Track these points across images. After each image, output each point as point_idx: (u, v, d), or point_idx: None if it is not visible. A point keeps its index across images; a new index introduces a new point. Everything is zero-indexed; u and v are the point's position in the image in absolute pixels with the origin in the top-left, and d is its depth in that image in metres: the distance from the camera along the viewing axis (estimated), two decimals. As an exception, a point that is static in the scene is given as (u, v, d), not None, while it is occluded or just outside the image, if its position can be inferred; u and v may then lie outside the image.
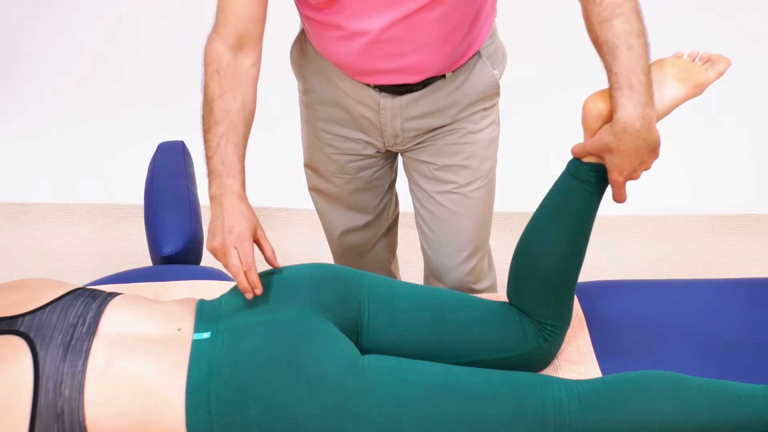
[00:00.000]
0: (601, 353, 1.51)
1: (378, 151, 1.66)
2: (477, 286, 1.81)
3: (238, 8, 1.36)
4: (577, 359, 1.50)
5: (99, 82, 3.09)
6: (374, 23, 1.37)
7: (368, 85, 1.51)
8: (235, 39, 1.37)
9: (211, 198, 1.32)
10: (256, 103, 1.40)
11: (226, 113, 1.34)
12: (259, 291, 1.28)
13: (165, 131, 2.32)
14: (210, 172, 1.33)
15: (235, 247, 1.27)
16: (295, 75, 1.66)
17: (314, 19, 1.43)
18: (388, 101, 1.53)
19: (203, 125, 1.35)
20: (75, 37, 3.09)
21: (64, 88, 3.10)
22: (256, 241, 1.33)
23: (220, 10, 1.38)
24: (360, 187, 1.73)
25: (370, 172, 1.71)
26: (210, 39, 1.38)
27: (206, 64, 1.37)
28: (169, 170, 1.87)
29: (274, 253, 1.35)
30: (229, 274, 1.76)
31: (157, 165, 1.89)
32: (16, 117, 3.09)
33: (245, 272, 1.27)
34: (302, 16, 1.48)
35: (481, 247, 1.76)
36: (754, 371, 1.46)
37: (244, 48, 1.37)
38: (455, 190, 1.65)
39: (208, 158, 1.33)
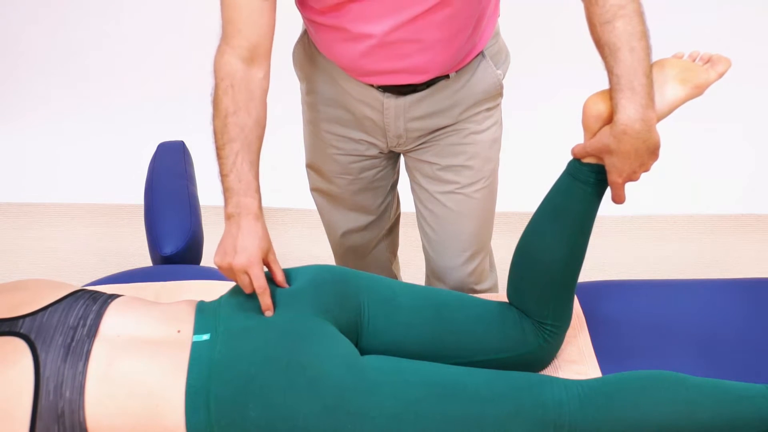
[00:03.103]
0: (601, 353, 1.51)
1: (381, 152, 1.66)
2: (478, 287, 1.81)
3: (249, 19, 1.34)
4: (577, 359, 1.50)
5: (99, 82, 3.09)
6: (379, 27, 1.37)
7: (372, 86, 1.51)
8: (248, 51, 1.34)
9: (228, 216, 1.31)
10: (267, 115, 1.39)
11: (241, 130, 1.32)
12: (270, 313, 1.28)
13: (165, 131, 2.32)
14: (226, 190, 1.31)
15: (246, 273, 1.28)
16: (298, 76, 1.66)
17: (318, 22, 1.43)
18: (392, 101, 1.53)
19: (216, 141, 1.33)
20: (75, 37, 3.09)
21: (64, 87, 3.10)
22: (267, 264, 1.33)
23: (228, 21, 1.35)
24: (362, 188, 1.73)
25: (372, 172, 1.71)
26: (221, 51, 1.35)
27: (219, 78, 1.34)
28: (169, 170, 1.87)
29: (284, 278, 1.34)
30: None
31: (157, 165, 1.89)
32: (16, 117, 3.09)
33: (258, 296, 1.28)
34: (305, 18, 1.48)
35: (482, 248, 1.76)
36: (754, 371, 1.47)
37: (255, 60, 1.35)
38: (457, 191, 1.65)
39: (224, 176, 1.32)
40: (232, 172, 1.31)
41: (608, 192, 1.35)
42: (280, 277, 1.33)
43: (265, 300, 1.28)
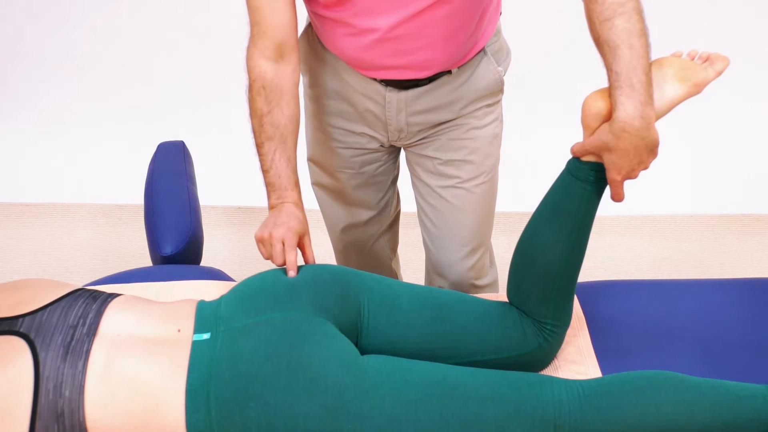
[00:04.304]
0: (601, 353, 1.51)
1: (382, 146, 1.67)
2: (478, 282, 1.81)
3: (273, 20, 1.42)
4: (577, 359, 1.50)
5: (99, 83, 3.09)
6: (383, 21, 1.39)
7: (374, 79, 1.53)
8: (275, 51, 1.44)
9: (271, 206, 1.47)
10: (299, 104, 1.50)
11: (276, 128, 1.45)
12: (293, 273, 1.36)
13: (165, 131, 2.32)
14: (268, 185, 1.47)
15: (282, 242, 1.39)
16: (301, 69, 1.66)
17: (322, 15, 1.45)
18: (394, 95, 1.54)
19: (255, 139, 1.47)
20: (75, 37, 3.09)
21: (64, 88, 3.10)
22: (301, 246, 1.45)
23: (254, 23, 1.43)
24: (363, 183, 1.74)
25: (373, 167, 1.72)
26: (250, 54, 1.46)
27: (251, 80, 1.46)
28: (169, 170, 1.87)
29: (314, 260, 1.44)
30: (232, 277, 1.76)
31: (157, 165, 1.89)
32: (16, 117, 3.09)
33: (287, 262, 1.38)
34: (310, 12, 1.50)
35: (482, 243, 1.76)
36: (754, 371, 1.46)
37: (283, 57, 1.45)
38: (458, 185, 1.65)
39: (265, 171, 1.47)
40: (272, 169, 1.46)
41: (608, 191, 1.35)
42: (311, 258, 1.45)
43: (290, 258, 1.38)
